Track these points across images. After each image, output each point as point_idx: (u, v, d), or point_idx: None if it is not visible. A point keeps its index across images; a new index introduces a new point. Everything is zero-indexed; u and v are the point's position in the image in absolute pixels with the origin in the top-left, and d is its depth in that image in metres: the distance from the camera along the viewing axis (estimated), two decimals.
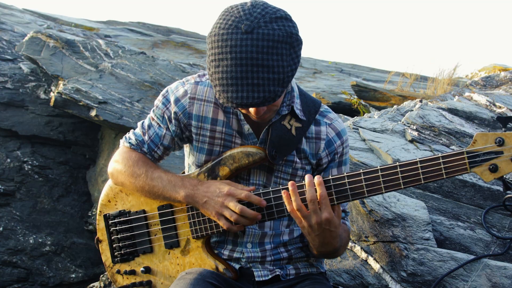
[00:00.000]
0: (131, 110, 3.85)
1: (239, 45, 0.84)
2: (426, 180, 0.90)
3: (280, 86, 0.88)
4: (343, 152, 1.12)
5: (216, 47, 0.87)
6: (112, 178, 1.14)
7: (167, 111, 1.08)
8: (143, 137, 1.12)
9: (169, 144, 1.11)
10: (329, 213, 0.92)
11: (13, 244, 3.41)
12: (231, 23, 0.87)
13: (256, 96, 0.86)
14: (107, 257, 1.17)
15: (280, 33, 0.86)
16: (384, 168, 0.93)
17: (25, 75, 4.41)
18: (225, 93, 0.88)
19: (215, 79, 0.89)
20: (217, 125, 1.07)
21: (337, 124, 1.12)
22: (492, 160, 0.87)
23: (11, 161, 3.81)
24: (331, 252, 1.02)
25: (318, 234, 0.94)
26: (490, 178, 0.88)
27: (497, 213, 1.73)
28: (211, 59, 0.89)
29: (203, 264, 1.08)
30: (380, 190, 0.93)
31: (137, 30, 7.79)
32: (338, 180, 0.96)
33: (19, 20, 6.15)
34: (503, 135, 0.87)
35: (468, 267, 1.42)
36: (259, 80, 0.85)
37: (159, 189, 1.05)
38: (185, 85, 1.08)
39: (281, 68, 0.87)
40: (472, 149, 0.88)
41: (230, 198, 0.99)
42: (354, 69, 7.53)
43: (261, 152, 1.03)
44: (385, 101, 4.23)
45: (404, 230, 1.54)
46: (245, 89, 0.86)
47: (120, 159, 1.11)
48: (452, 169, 0.89)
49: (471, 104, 2.66)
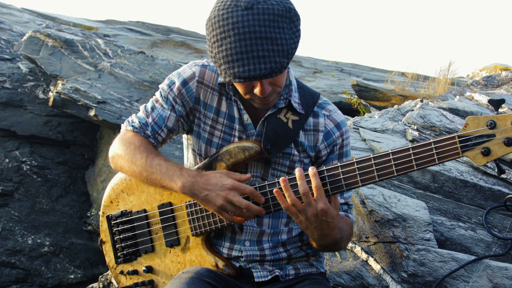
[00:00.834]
0: (130, 110, 3.84)
1: (241, 20, 0.85)
2: (419, 167, 0.90)
3: (285, 58, 0.88)
4: (343, 144, 1.11)
5: (217, 28, 0.87)
6: (112, 162, 1.12)
7: (171, 92, 1.08)
8: (146, 120, 1.10)
9: (173, 126, 1.09)
10: (325, 203, 0.92)
11: (12, 244, 3.40)
12: (230, 3, 0.88)
13: (263, 67, 0.86)
14: (111, 258, 1.17)
15: (279, 7, 0.87)
16: (377, 156, 0.92)
17: (23, 74, 4.39)
18: (231, 69, 0.88)
19: (219, 58, 0.89)
20: (219, 116, 1.07)
21: (336, 115, 1.11)
22: (484, 143, 0.86)
23: (10, 161, 3.79)
24: (331, 245, 1.01)
25: (316, 227, 0.94)
26: (482, 162, 0.86)
27: (498, 214, 1.73)
28: (213, 41, 0.89)
29: (203, 261, 1.08)
30: (374, 178, 0.93)
31: (136, 30, 7.78)
32: (331, 171, 0.95)
33: (17, 19, 6.13)
34: (495, 117, 0.85)
35: (469, 268, 1.42)
36: (264, 52, 0.86)
37: (157, 176, 1.03)
38: (192, 67, 1.08)
39: (284, 40, 0.87)
40: (463, 133, 0.87)
41: (233, 193, 0.97)
42: (355, 68, 7.51)
43: (257, 146, 1.03)
44: (386, 100, 4.23)
45: (404, 231, 1.54)
46: (251, 61, 0.86)
47: (122, 143, 1.09)
48: (444, 154, 0.88)
49: (472, 104, 2.65)
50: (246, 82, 0.90)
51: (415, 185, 1.85)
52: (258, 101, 0.97)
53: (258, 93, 0.93)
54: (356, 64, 7.87)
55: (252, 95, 0.96)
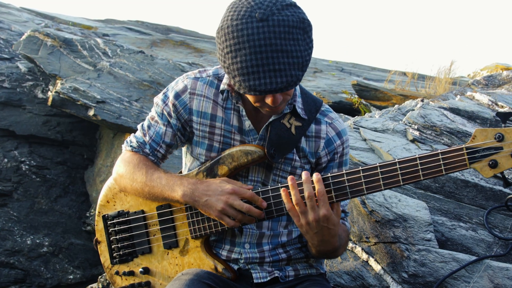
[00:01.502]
0: (130, 110, 3.83)
1: (256, 33, 0.85)
2: (426, 177, 0.90)
3: (300, 70, 0.89)
4: (343, 153, 1.12)
5: (231, 38, 0.87)
6: (116, 184, 1.14)
7: (166, 107, 1.09)
8: (144, 138, 1.12)
9: (171, 141, 1.11)
10: (327, 210, 0.92)
11: (10, 245, 3.39)
12: (244, 13, 0.87)
13: (280, 81, 0.87)
14: (106, 258, 1.16)
15: (293, 18, 0.87)
16: (383, 165, 0.92)
17: (22, 74, 4.38)
18: (246, 82, 0.88)
19: (233, 70, 0.89)
20: (216, 121, 1.07)
21: (338, 124, 1.12)
22: (491, 155, 0.87)
23: (8, 161, 3.78)
24: (330, 252, 1.01)
25: (316, 232, 0.94)
26: (489, 174, 0.87)
27: (499, 214, 1.72)
28: (226, 51, 0.88)
29: (202, 264, 1.07)
30: (380, 187, 0.93)
31: (135, 29, 7.77)
32: (337, 178, 0.95)
33: (16, 18, 6.11)
34: (503, 130, 0.86)
35: (470, 268, 1.42)
36: (280, 65, 0.86)
37: (158, 189, 1.05)
38: (184, 80, 1.09)
39: (299, 52, 0.88)
40: (471, 145, 0.88)
41: (234, 197, 0.98)
42: (355, 68, 7.50)
43: (260, 150, 1.03)
44: (386, 100, 4.22)
45: (405, 231, 1.53)
46: (267, 75, 0.86)
47: (122, 164, 1.12)
48: (452, 165, 0.88)
49: (473, 103, 2.64)
50: (261, 95, 0.90)
51: (416, 185, 1.84)
52: (267, 109, 0.98)
53: (270, 103, 0.93)
54: (357, 64, 7.86)
55: (263, 104, 0.96)
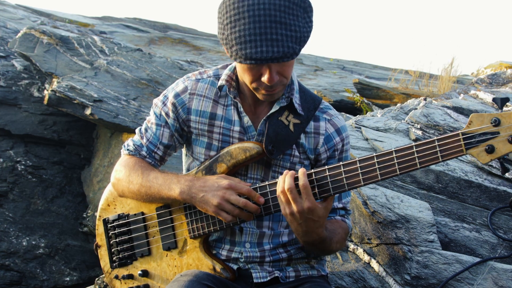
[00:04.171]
0: (127, 109, 3.78)
1: (257, 3, 0.87)
2: (422, 165, 0.89)
3: (297, 44, 0.90)
4: (343, 149, 1.12)
5: (231, 9, 0.89)
6: (114, 188, 1.15)
7: (164, 107, 1.10)
8: (141, 141, 1.13)
9: (168, 142, 1.11)
10: (311, 202, 0.93)
11: (6, 246, 3.36)
12: None
13: (276, 50, 0.88)
14: (106, 262, 1.16)
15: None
16: (379, 155, 0.92)
17: (18, 72, 4.33)
18: (243, 50, 0.89)
19: (231, 39, 0.90)
20: (216, 119, 1.07)
21: (337, 120, 1.12)
22: (488, 141, 0.85)
23: (4, 161, 3.75)
24: (317, 242, 1.00)
25: (300, 223, 0.95)
26: (486, 160, 0.86)
27: (504, 215, 1.70)
28: (225, 23, 0.90)
29: (201, 264, 1.07)
30: (377, 177, 0.92)
31: (133, 26, 7.71)
32: (333, 170, 0.95)
33: (12, 16, 6.05)
34: (499, 115, 0.85)
35: (474, 270, 1.40)
36: (277, 35, 0.87)
37: (155, 189, 1.05)
38: (185, 82, 1.10)
39: (297, 27, 0.89)
40: (467, 130, 0.87)
41: (230, 192, 0.98)
42: (357, 66, 7.47)
43: (258, 147, 1.03)
44: (388, 99, 4.19)
45: (408, 232, 1.51)
46: (264, 43, 0.87)
47: (119, 168, 1.12)
48: (448, 151, 0.88)
49: (476, 102, 2.62)
50: (257, 64, 0.90)
51: (419, 186, 1.82)
52: (264, 91, 0.97)
53: (266, 81, 0.94)
54: (358, 62, 7.83)
55: (259, 84, 0.96)
